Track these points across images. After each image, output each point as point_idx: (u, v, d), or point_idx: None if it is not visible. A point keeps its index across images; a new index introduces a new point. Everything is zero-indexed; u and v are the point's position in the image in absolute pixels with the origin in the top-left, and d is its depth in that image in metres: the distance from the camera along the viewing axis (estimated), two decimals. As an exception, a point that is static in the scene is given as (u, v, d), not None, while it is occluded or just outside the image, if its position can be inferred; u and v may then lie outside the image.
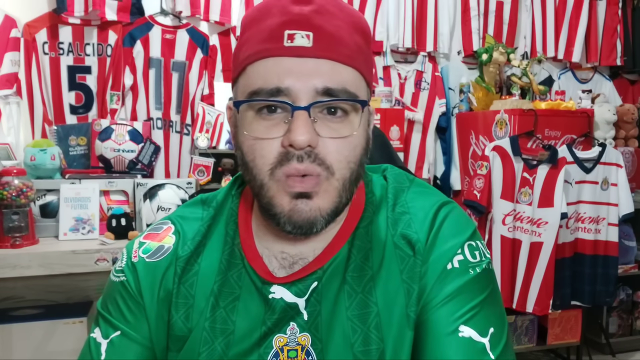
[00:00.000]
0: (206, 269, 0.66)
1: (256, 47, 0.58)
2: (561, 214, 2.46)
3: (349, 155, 0.59)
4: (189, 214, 0.71)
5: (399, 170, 0.71)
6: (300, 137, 0.55)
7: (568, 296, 2.62)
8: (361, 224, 0.66)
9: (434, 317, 0.61)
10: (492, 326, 0.61)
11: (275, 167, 0.57)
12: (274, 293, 0.62)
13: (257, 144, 0.58)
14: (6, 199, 1.83)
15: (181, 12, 2.69)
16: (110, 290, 0.69)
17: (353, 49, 0.59)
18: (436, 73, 3.12)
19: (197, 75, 2.76)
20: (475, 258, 0.63)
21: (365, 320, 0.61)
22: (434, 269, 0.62)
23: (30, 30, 2.54)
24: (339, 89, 0.57)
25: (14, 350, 1.86)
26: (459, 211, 0.67)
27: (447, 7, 3.11)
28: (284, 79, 0.56)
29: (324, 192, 0.58)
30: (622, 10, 3.49)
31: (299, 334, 0.62)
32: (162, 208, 2.08)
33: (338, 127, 0.58)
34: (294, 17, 0.57)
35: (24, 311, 1.97)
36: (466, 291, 0.61)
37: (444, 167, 3.17)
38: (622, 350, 3.07)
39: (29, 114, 2.56)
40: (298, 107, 0.56)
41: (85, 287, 2.15)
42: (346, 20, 0.59)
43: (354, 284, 0.63)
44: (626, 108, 3.13)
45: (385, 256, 0.63)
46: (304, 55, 0.56)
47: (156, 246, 0.68)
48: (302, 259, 0.64)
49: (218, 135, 2.68)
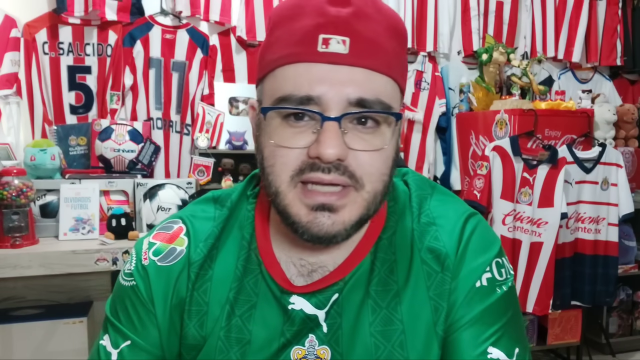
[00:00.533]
0: (220, 275, 0.63)
1: (287, 49, 0.54)
2: (561, 214, 2.46)
3: (381, 167, 0.55)
4: (200, 213, 0.67)
5: (420, 175, 0.69)
6: (330, 150, 0.52)
7: (568, 296, 2.62)
8: (384, 234, 0.63)
9: (462, 338, 0.59)
10: (517, 346, 0.60)
11: (296, 174, 0.54)
12: (294, 304, 0.60)
13: (280, 150, 0.55)
14: (6, 199, 1.83)
15: (181, 12, 2.68)
16: (120, 295, 0.66)
17: (390, 55, 0.55)
18: (436, 73, 3.12)
19: (197, 75, 2.76)
20: (502, 276, 0.62)
21: (390, 338, 0.59)
22: (463, 286, 0.60)
23: (30, 30, 2.54)
24: (373, 100, 0.53)
25: (14, 350, 1.86)
26: (485, 225, 0.65)
27: (447, 7, 3.11)
28: (315, 86, 0.52)
29: (352, 205, 0.55)
30: (622, 10, 3.49)
31: (318, 346, 0.60)
32: (162, 208, 2.08)
33: (369, 138, 0.54)
34: (331, 19, 0.53)
35: (25, 311, 1.97)
36: (493, 311, 0.60)
37: (444, 167, 3.17)
38: (622, 350, 3.07)
39: (29, 114, 2.56)
40: (329, 118, 0.52)
41: (86, 287, 2.16)
42: (384, 24, 0.55)
43: (378, 298, 0.60)
44: (626, 108, 3.13)
45: (412, 271, 0.61)
46: (339, 62, 0.53)
47: (168, 248, 0.64)
48: (321, 267, 0.61)
49: (218, 135, 2.68)
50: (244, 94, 2.78)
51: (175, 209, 2.11)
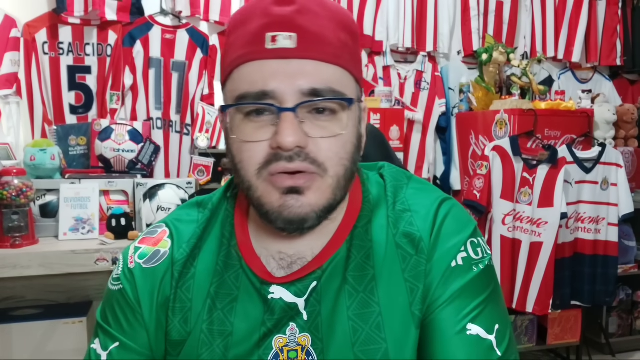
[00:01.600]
0: (202, 272, 0.65)
1: (240, 50, 0.58)
2: (561, 214, 2.46)
3: (340, 152, 0.58)
4: (184, 217, 0.70)
5: (396, 168, 0.71)
6: (287, 138, 0.55)
7: (568, 296, 2.62)
8: (359, 223, 0.65)
9: (441, 317, 0.61)
10: (497, 322, 0.61)
11: (263, 167, 0.57)
12: (273, 293, 0.62)
13: (245, 146, 0.58)
14: (6, 199, 1.83)
15: (181, 12, 2.69)
16: (109, 299, 0.68)
17: (337, 46, 0.58)
18: (436, 73, 3.12)
19: (197, 75, 2.76)
20: (478, 255, 0.63)
21: (367, 320, 0.61)
22: (439, 267, 0.62)
23: (30, 30, 2.54)
24: (324, 89, 0.56)
25: (13, 350, 1.86)
26: (459, 208, 0.67)
27: (447, 7, 3.11)
28: (268, 81, 0.56)
29: (317, 190, 0.58)
30: (622, 10, 3.49)
31: (299, 334, 0.62)
32: (162, 208, 2.08)
33: (327, 125, 0.58)
34: (276, 18, 0.56)
35: (24, 311, 1.97)
36: (471, 289, 0.62)
37: (444, 167, 3.17)
38: (622, 350, 3.07)
39: (29, 114, 2.56)
40: (284, 109, 0.55)
41: (85, 287, 2.15)
42: (330, 18, 0.58)
43: (355, 283, 0.62)
44: (626, 108, 3.13)
45: (387, 256, 0.63)
46: (288, 56, 0.56)
47: (152, 251, 0.67)
48: (300, 259, 0.63)
49: (218, 135, 2.68)
50: (243, 94, 2.77)
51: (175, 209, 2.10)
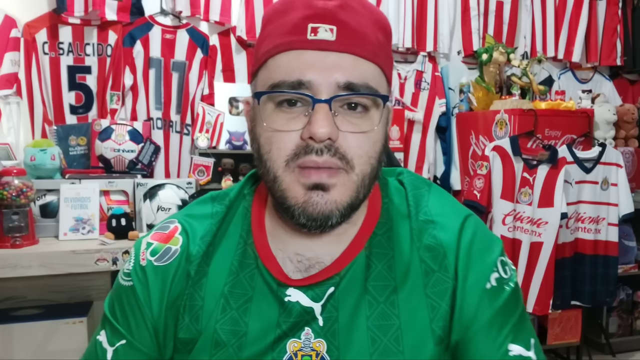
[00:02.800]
0: (216, 270, 0.65)
1: (278, 39, 0.58)
2: (561, 214, 2.45)
3: (370, 151, 0.58)
4: (197, 212, 0.69)
5: (415, 175, 0.71)
6: (321, 129, 0.54)
7: (568, 296, 2.62)
8: (379, 229, 0.64)
9: (480, 340, 0.61)
10: (531, 337, 0.63)
11: (292, 159, 0.57)
12: (290, 296, 0.61)
13: (275, 136, 0.57)
14: (6, 199, 1.83)
15: (181, 12, 2.69)
16: (118, 294, 0.68)
17: (375, 45, 0.59)
18: (436, 73, 3.12)
19: (197, 75, 2.76)
20: (507, 274, 0.64)
21: (387, 332, 0.60)
22: (474, 290, 0.61)
23: (30, 30, 2.54)
24: (360, 84, 0.56)
25: (14, 350, 1.86)
26: (483, 225, 0.67)
27: (447, 7, 3.11)
28: (306, 72, 0.56)
29: (341, 186, 0.57)
30: (622, 10, 3.49)
31: (314, 339, 0.61)
32: (162, 208, 2.08)
33: (358, 122, 0.57)
34: (318, 11, 0.57)
35: (25, 311, 1.97)
36: (506, 309, 0.62)
37: (444, 167, 3.17)
38: (622, 350, 3.07)
39: (29, 114, 2.56)
40: (319, 100, 0.55)
41: (86, 287, 2.16)
42: (368, 17, 0.59)
43: (375, 293, 0.61)
44: (626, 108, 3.13)
45: (410, 269, 0.62)
46: (327, 49, 0.56)
47: (163, 248, 0.66)
48: (318, 263, 0.62)
49: (218, 135, 2.68)
50: (244, 94, 2.78)
51: (175, 209, 2.11)
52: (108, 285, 2.09)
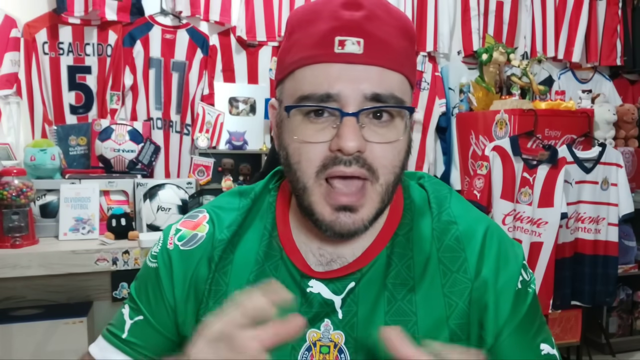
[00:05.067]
0: (242, 259, 0.67)
1: (306, 51, 0.59)
2: (561, 214, 2.46)
3: (394, 160, 0.60)
4: (225, 204, 0.72)
5: (436, 179, 0.73)
6: (349, 143, 0.56)
7: (568, 296, 2.62)
8: (400, 230, 0.66)
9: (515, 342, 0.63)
10: (551, 335, 0.67)
11: (320, 171, 0.58)
12: (312, 287, 0.63)
13: (304, 147, 0.59)
14: (6, 199, 1.83)
15: (181, 12, 2.68)
16: (144, 274, 0.72)
17: (401, 53, 0.60)
18: (436, 73, 3.12)
19: (197, 75, 2.76)
20: (528, 277, 0.67)
21: (404, 327, 0.61)
22: (506, 294, 0.64)
23: (30, 30, 2.54)
24: (387, 95, 0.57)
25: (14, 350, 1.86)
26: (504, 232, 0.70)
27: (447, 7, 3.11)
28: (333, 84, 0.57)
29: (369, 201, 0.59)
30: (622, 10, 3.49)
31: (333, 331, 0.63)
32: (162, 208, 2.08)
33: (384, 132, 0.59)
34: (345, 22, 0.57)
35: (25, 311, 1.98)
36: (532, 310, 0.65)
37: (444, 167, 3.17)
38: (622, 350, 3.07)
39: (29, 114, 2.56)
40: (348, 114, 0.56)
41: (86, 287, 2.16)
42: (394, 25, 0.60)
43: (394, 291, 0.63)
44: (626, 108, 3.13)
45: (428, 269, 0.64)
46: (354, 61, 0.57)
47: (190, 234, 0.70)
48: (340, 258, 0.65)
49: (218, 135, 2.68)
50: (244, 94, 2.78)
51: (175, 209, 2.11)
52: (108, 286, 2.09)
